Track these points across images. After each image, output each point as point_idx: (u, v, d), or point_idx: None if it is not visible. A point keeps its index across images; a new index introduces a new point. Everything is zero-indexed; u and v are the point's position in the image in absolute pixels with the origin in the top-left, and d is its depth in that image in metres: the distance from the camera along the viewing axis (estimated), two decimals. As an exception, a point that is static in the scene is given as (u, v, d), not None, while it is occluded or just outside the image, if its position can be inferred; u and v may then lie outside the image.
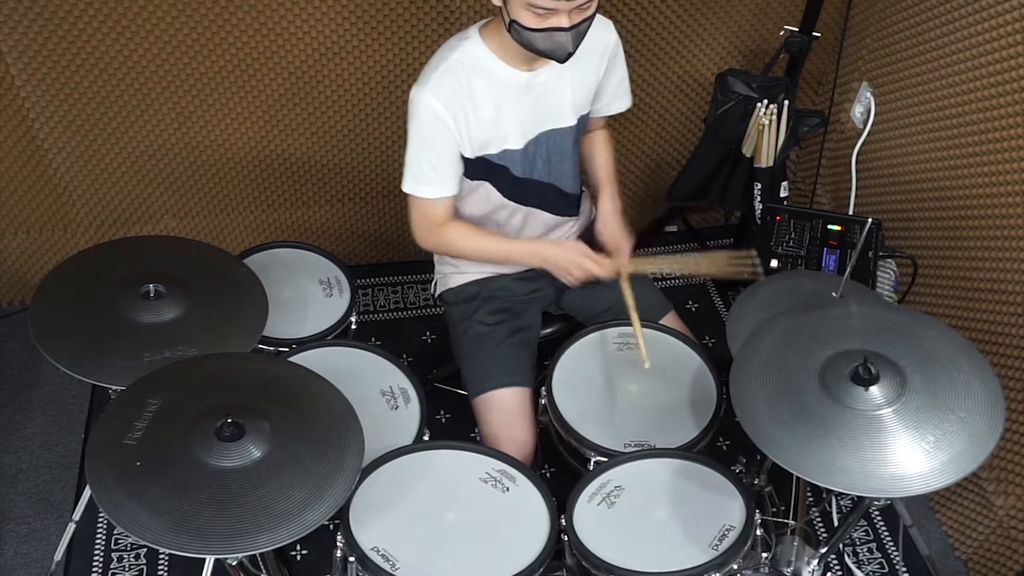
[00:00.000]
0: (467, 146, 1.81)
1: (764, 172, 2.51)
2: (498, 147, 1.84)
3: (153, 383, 1.54)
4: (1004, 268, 2.11)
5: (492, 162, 1.86)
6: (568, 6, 1.60)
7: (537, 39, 1.66)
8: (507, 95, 1.80)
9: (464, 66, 1.76)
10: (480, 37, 1.78)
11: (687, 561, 1.58)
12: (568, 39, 1.65)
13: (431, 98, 1.74)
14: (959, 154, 2.22)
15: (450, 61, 1.76)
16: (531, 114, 1.84)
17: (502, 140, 1.84)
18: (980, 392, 1.49)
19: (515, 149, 1.86)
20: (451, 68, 1.76)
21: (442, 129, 1.77)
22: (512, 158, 1.87)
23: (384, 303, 2.87)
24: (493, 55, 1.77)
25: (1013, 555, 2.16)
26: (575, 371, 1.95)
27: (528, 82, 1.81)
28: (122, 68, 2.33)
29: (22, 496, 2.33)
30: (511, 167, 1.88)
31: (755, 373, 1.56)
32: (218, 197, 2.68)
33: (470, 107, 1.77)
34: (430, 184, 1.83)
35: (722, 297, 2.95)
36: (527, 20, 1.63)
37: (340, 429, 1.52)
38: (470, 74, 1.76)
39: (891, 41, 2.45)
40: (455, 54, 1.77)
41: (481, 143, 1.82)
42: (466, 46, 1.78)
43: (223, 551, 1.35)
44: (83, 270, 1.81)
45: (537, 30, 1.64)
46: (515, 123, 1.83)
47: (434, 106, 1.75)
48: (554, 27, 1.63)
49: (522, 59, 1.78)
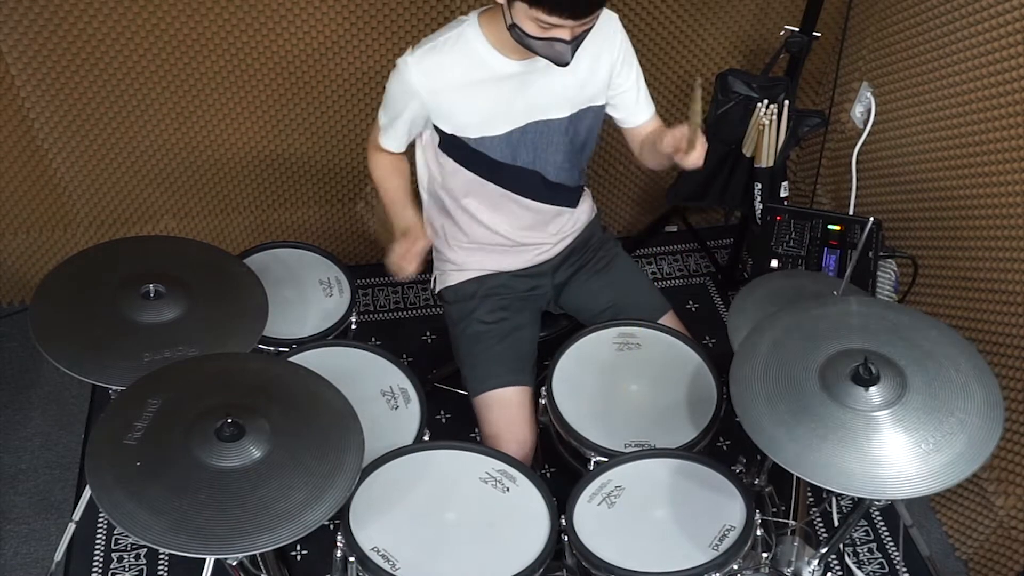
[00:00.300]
0: (443, 121, 1.84)
1: (764, 172, 2.51)
2: (477, 132, 1.84)
3: (153, 383, 1.54)
4: (1004, 268, 2.11)
5: (469, 147, 1.87)
6: (574, 24, 1.61)
7: (538, 46, 1.67)
8: (494, 83, 1.80)
9: (455, 48, 1.78)
10: (478, 23, 1.79)
11: (687, 561, 1.58)
12: (567, 50, 1.66)
13: (413, 67, 1.77)
14: (959, 154, 2.22)
15: (444, 38, 1.78)
16: (520, 103, 1.84)
17: (481, 126, 1.84)
18: (980, 392, 1.49)
19: (495, 135, 1.86)
20: (441, 46, 1.78)
21: (408, 99, 1.81)
22: (491, 144, 1.87)
23: (384, 303, 2.87)
24: (487, 43, 1.78)
25: (1013, 555, 2.16)
26: (575, 371, 1.95)
27: (518, 72, 1.81)
28: (122, 68, 2.33)
29: (22, 496, 2.33)
30: (489, 152, 1.88)
31: (755, 373, 1.56)
32: (218, 197, 2.68)
33: (451, 87, 1.79)
34: (386, 136, 1.93)
35: (722, 297, 2.95)
36: (529, 29, 1.63)
37: (340, 429, 1.52)
38: (460, 58, 1.78)
39: (891, 41, 2.45)
40: (450, 34, 1.79)
41: (459, 125, 1.84)
42: (463, 28, 1.79)
43: (223, 551, 1.35)
44: (83, 270, 1.81)
45: (538, 38, 1.64)
46: (499, 111, 1.83)
47: (410, 75, 1.78)
48: (555, 38, 1.63)
49: (516, 50, 1.77)
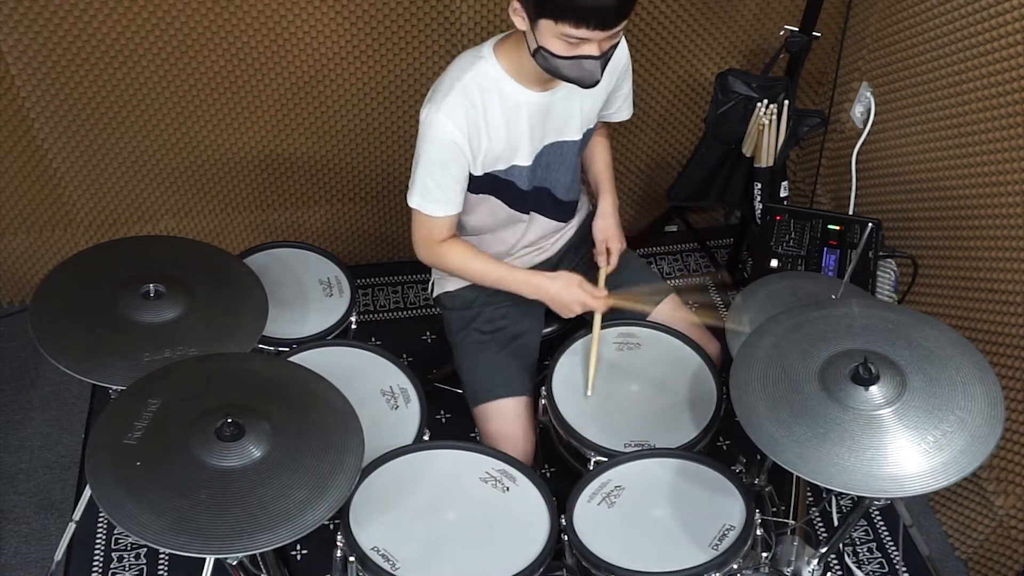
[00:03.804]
0: (477, 165, 1.81)
1: (764, 172, 2.51)
2: (506, 163, 1.84)
3: (153, 383, 1.54)
4: (1004, 268, 2.11)
5: (499, 177, 1.85)
6: (602, 35, 1.58)
7: (565, 67, 1.63)
8: (520, 115, 1.78)
9: (479, 87, 1.73)
10: (495, 56, 1.75)
11: (687, 561, 1.58)
12: (597, 67, 1.63)
13: (445, 121, 1.72)
14: (959, 154, 2.22)
15: (464, 81, 1.73)
16: (540, 130, 1.83)
17: (511, 157, 1.83)
18: (980, 392, 1.49)
19: (524, 165, 1.85)
20: (466, 89, 1.72)
21: (455, 152, 1.75)
22: (519, 174, 1.86)
23: (384, 303, 2.87)
24: (508, 76, 1.75)
25: (1013, 555, 2.16)
26: (575, 371, 1.95)
27: (542, 102, 1.79)
28: (122, 68, 2.33)
29: (22, 496, 2.33)
30: (517, 182, 1.87)
31: (755, 373, 1.56)
32: (218, 197, 2.68)
33: (483, 129, 1.76)
34: (436, 203, 1.82)
35: (722, 297, 2.95)
36: (557, 48, 1.60)
37: (340, 429, 1.52)
38: (484, 95, 1.74)
39: (891, 41, 2.45)
40: (469, 74, 1.73)
41: (491, 161, 1.82)
42: (480, 66, 1.74)
43: (223, 551, 1.35)
44: (83, 270, 1.81)
45: (567, 58, 1.61)
46: (526, 141, 1.82)
47: (448, 129, 1.72)
48: (584, 55, 1.60)
49: (537, 80, 1.75)
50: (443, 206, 1.82)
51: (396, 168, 2.72)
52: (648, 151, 2.91)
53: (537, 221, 2.00)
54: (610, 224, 2.03)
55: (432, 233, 1.86)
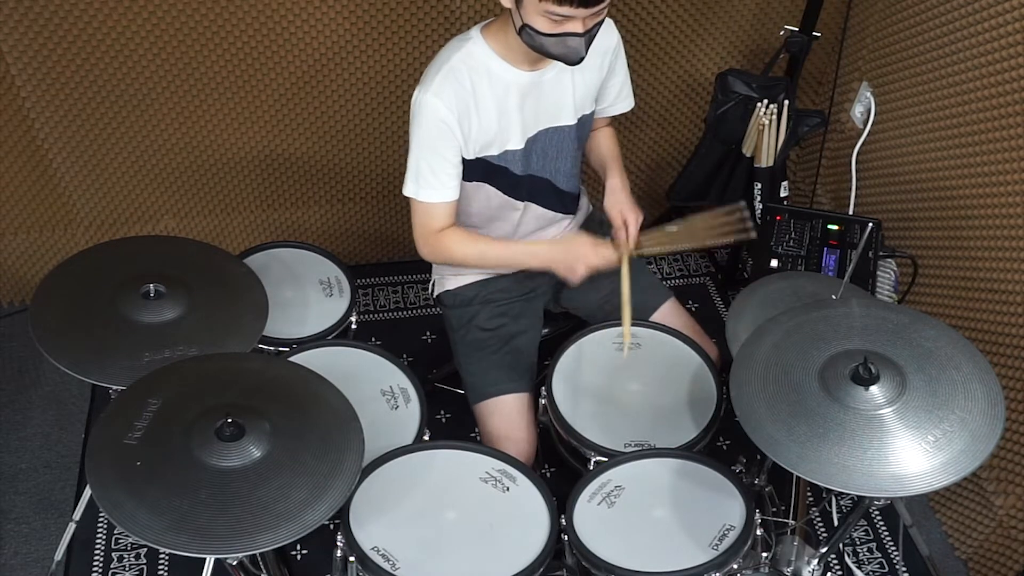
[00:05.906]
0: (469, 148, 1.81)
1: (764, 172, 2.51)
2: (499, 148, 1.84)
3: (153, 383, 1.54)
4: (1004, 268, 2.11)
5: (492, 163, 1.85)
6: (585, 13, 1.60)
7: (550, 44, 1.65)
8: (510, 96, 1.79)
9: (467, 67, 1.75)
10: (482, 38, 1.77)
11: (687, 561, 1.58)
12: (581, 44, 1.65)
13: (434, 100, 1.73)
14: (959, 154, 2.22)
15: (453, 62, 1.74)
16: (532, 113, 1.84)
17: (504, 141, 1.84)
18: (980, 392, 1.49)
19: (516, 149, 1.86)
20: (454, 69, 1.74)
21: (445, 132, 1.76)
22: (512, 158, 1.86)
23: (384, 303, 2.87)
24: (496, 56, 1.77)
25: (1013, 555, 2.16)
26: (575, 371, 1.95)
27: (531, 82, 1.80)
28: (122, 68, 2.33)
29: (22, 496, 2.33)
30: (511, 167, 1.87)
31: (755, 373, 1.56)
32: (218, 197, 2.68)
33: (473, 109, 1.77)
34: (431, 188, 1.81)
35: (722, 297, 2.95)
36: (541, 25, 1.62)
37: (340, 429, 1.52)
38: (473, 75, 1.76)
39: (891, 41, 2.45)
40: (457, 55, 1.75)
41: (483, 144, 1.82)
42: (468, 47, 1.76)
43: (223, 551, 1.35)
44: (83, 270, 1.81)
45: (551, 35, 1.63)
46: (517, 123, 1.83)
47: (437, 109, 1.73)
48: (568, 32, 1.63)
49: (526, 60, 1.77)
50: (438, 191, 1.81)
51: (396, 168, 2.72)
52: (648, 151, 2.91)
53: (532, 210, 1.99)
54: (621, 198, 1.96)
55: (430, 222, 1.85)
